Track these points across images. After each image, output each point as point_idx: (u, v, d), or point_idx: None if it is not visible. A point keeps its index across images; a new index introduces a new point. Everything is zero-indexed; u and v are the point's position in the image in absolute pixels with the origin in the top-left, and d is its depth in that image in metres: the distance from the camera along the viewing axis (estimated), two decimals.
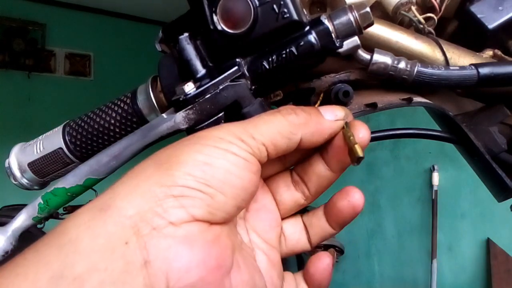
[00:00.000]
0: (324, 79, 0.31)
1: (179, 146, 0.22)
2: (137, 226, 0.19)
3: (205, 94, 0.26)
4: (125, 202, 0.20)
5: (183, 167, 0.21)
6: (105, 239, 0.19)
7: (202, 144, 0.22)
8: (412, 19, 0.34)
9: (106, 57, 2.94)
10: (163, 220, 0.19)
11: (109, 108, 0.32)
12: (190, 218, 0.20)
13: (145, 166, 0.22)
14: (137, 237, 0.19)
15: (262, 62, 0.27)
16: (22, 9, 2.63)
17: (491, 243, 1.92)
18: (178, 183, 0.20)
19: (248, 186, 0.22)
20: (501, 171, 0.32)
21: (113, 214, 0.19)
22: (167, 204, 0.20)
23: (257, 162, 0.23)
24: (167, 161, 0.21)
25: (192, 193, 0.20)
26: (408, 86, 0.31)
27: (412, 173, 2.25)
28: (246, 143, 0.22)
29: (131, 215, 0.19)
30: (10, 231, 0.30)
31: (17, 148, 0.34)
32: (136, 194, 0.20)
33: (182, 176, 0.21)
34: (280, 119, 0.24)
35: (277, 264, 0.26)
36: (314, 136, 0.25)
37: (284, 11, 0.26)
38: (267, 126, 0.23)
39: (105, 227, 0.19)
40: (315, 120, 0.25)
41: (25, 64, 2.63)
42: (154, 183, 0.20)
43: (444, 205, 2.09)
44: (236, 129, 0.23)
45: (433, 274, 2.03)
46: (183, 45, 0.28)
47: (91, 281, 0.18)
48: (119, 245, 0.19)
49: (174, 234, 0.19)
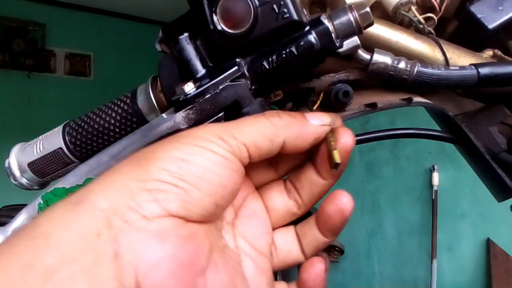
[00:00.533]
0: (324, 79, 0.31)
1: (158, 144, 0.23)
2: (109, 219, 0.19)
3: (205, 94, 0.26)
4: (99, 196, 0.20)
5: (159, 162, 0.21)
6: (77, 232, 0.18)
7: (181, 142, 0.22)
8: (412, 19, 0.34)
9: (106, 57, 2.94)
10: (136, 214, 0.19)
11: (109, 108, 0.32)
12: (165, 212, 0.20)
13: (123, 164, 0.22)
14: (109, 230, 0.19)
15: (262, 62, 0.27)
16: (22, 9, 2.63)
17: (491, 243, 1.92)
18: (153, 177, 0.20)
19: (227, 184, 0.22)
20: (501, 171, 0.32)
21: (86, 208, 0.19)
22: (140, 198, 0.20)
23: (238, 161, 0.23)
24: (144, 158, 0.22)
25: (166, 187, 0.20)
26: (408, 86, 0.31)
27: (412, 173, 2.25)
28: (227, 142, 0.22)
29: (104, 208, 0.19)
30: (10, 231, 0.30)
31: (17, 148, 0.34)
32: (111, 189, 0.20)
33: (157, 171, 0.21)
34: (263, 121, 0.24)
35: (266, 272, 0.26)
36: (298, 140, 0.25)
37: (284, 11, 0.26)
38: (249, 127, 0.23)
39: (78, 220, 0.19)
40: (299, 124, 0.25)
41: (25, 64, 2.64)
42: (130, 179, 0.20)
43: (444, 205, 2.09)
44: (217, 128, 0.23)
45: (433, 274, 2.03)
46: (183, 45, 0.28)
47: (61, 272, 0.17)
48: (91, 238, 0.18)
49: (146, 228, 0.19)
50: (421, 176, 2.20)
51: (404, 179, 2.29)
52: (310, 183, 0.27)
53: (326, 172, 0.26)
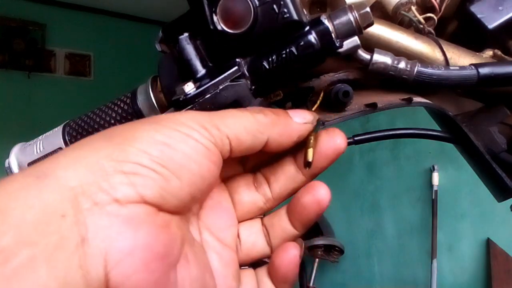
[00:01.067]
0: (323, 79, 0.31)
1: (135, 124, 0.21)
2: (77, 199, 0.17)
3: (205, 94, 0.26)
4: (67, 172, 0.18)
5: (138, 143, 0.19)
6: (38, 210, 0.16)
7: (162, 125, 0.21)
8: (412, 19, 0.34)
9: (106, 57, 2.94)
10: (107, 196, 0.18)
11: (109, 108, 0.32)
12: (139, 198, 0.18)
13: (93, 138, 0.20)
14: (75, 211, 0.17)
15: (262, 62, 0.27)
16: (22, 9, 2.63)
17: (491, 243, 1.92)
18: (131, 159, 0.19)
19: (206, 176, 0.21)
20: (501, 171, 0.32)
21: (50, 183, 0.17)
22: (114, 180, 0.18)
23: (219, 153, 0.22)
24: (121, 135, 0.20)
25: (145, 172, 0.19)
26: (408, 86, 0.31)
27: (412, 173, 2.25)
28: (210, 132, 0.21)
29: (72, 186, 0.17)
30: None
31: (17, 148, 0.34)
32: (80, 164, 0.18)
33: (136, 152, 0.19)
34: (248, 115, 0.23)
35: (231, 264, 0.25)
36: (281, 137, 0.24)
37: (284, 11, 0.26)
38: (234, 120, 0.23)
39: (40, 197, 0.17)
40: (283, 121, 0.24)
41: (25, 64, 2.64)
42: (103, 156, 0.18)
43: (444, 205, 2.09)
44: (201, 117, 0.22)
45: (433, 274, 2.03)
46: (183, 45, 0.28)
47: (20, 255, 0.15)
48: (55, 218, 0.16)
49: (117, 213, 0.18)
50: (421, 176, 2.20)
51: (404, 179, 2.29)
52: (288, 177, 0.26)
53: (308, 170, 0.26)
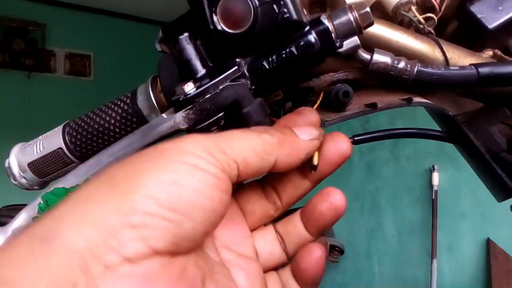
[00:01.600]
0: (323, 78, 0.31)
1: (138, 162, 0.19)
2: (86, 263, 0.16)
3: (205, 94, 0.26)
4: (73, 233, 0.17)
5: (144, 188, 0.18)
6: (49, 280, 0.15)
7: (166, 159, 0.19)
8: (412, 19, 0.34)
9: (106, 57, 2.94)
10: (118, 256, 0.16)
11: (109, 108, 0.32)
12: (151, 251, 0.17)
13: (97, 186, 0.19)
14: (86, 278, 0.16)
15: (262, 62, 0.27)
16: (22, 9, 2.63)
17: (491, 243, 1.92)
18: (138, 209, 0.17)
19: (218, 208, 0.20)
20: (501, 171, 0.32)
21: (57, 249, 0.16)
22: (123, 236, 0.17)
23: (228, 180, 0.20)
24: (124, 180, 0.18)
25: (154, 222, 0.17)
26: (408, 86, 0.31)
27: (412, 173, 2.25)
28: (216, 158, 0.20)
29: (79, 249, 0.16)
30: (10, 231, 0.30)
31: (17, 148, 0.34)
32: (85, 223, 0.17)
33: (143, 200, 0.17)
34: (254, 136, 0.22)
35: (257, 276, 0.24)
36: (290, 157, 0.23)
37: (284, 11, 0.26)
38: (240, 142, 0.21)
39: (48, 265, 0.16)
40: (290, 140, 0.23)
41: (25, 64, 2.64)
42: (109, 209, 0.17)
43: (444, 205, 2.09)
44: (205, 142, 0.20)
45: (433, 274, 2.03)
46: (183, 45, 0.28)
47: None
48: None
49: (132, 273, 0.16)
50: (421, 176, 2.20)
51: (404, 179, 2.29)
52: (294, 186, 0.26)
53: (314, 176, 0.26)
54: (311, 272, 0.24)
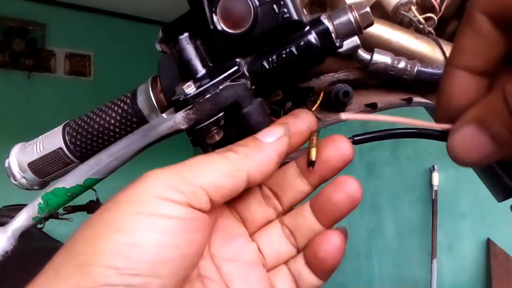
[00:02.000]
0: (323, 78, 0.31)
1: (96, 223, 0.19)
2: None
3: (205, 94, 0.26)
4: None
5: (102, 257, 0.17)
6: None
7: (123, 212, 0.18)
8: (412, 19, 0.34)
9: (106, 57, 2.94)
10: None
11: (109, 108, 0.32)
12: None
13: (60, 260, 0.18)
14: None
15: (262, 62, 0.27)
16: (22, 9, 2.63)
17: (491, 243, 1.92)
18: (100, 283, 0.17)
19: (189, 252, 0.19)
20: (501, 171, 0.32)
21: None
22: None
23: (197, 214, 0.19)
24: (83, 251, 0.18)
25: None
26: (408, 86, 0.31)
27: (412, 173, 2.25)
28: (180, 190, 0.19)
29: None
30: (10, 231, 0.30)
31: (17, 148, 0.34)
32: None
33: (103, 272, 0.17)
34: (218, 157, 0.21)
35: (260, 284, 0.23)
36: (262, 165, 0.22)
37: (284, 11, 0.26)
38: (204, 167, 0.20)
39: None
40: (255, 148, 0.22)
41: (25, 64, 2.64)
42: (72, 287, 0.17)
43: (444, 205, 2.09)
44: (167, 176, 0.20)
45: (433, 274, 2.03)
46: (183, 45, 0.28)
47: None
48: None
49: None
50: (421, 176, 2.20)
51: (404, 179, 2.29)
52: (295, 190, 0.25)
53: (316, 180, 0.25)
54: (330, 261, 0.23)
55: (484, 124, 0.18)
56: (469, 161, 0.19)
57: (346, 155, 0.25)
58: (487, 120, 0.17)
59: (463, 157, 0.19)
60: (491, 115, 0.17)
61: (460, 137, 0.18)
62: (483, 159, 0.18)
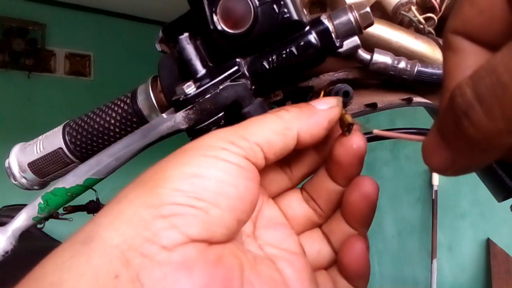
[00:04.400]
0: (323, 78, 0.31)
1: (164, 161, 0.20)
2: (125, 256, 0.17)
3: (205, 94, 0.26)
4: (110, 231, 0.18)
5: (170, 182, 0.19)
6: (91, 276, 0.16)
7: (189, 154, 0.20)
8: (412, 19, 0.34)
9: (106, 57, 2.94)
10: (154, 245, 0.17)
11: (109, 108, 0.32)
12: (186, 239, 0.18)
13: (129, 189, 0.20)
14: (127, 268, 0.16)
15: (262, 62, 0.27)
16: (22, 9, 2.63)
17: (491, 243, 1.92)
18: (166, 201, 0.18)
19: (246, 195, 0.20)
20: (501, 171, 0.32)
21: (97, 246, 0.17)
22: (156, 227, 0.17)
23: (253, 167, 0.21)
24: (152, 179, 0.19)
25: (183, 210, 0.18)
26: (408, 86, 0.31)
27: (412, 173, 2.25)
28: (238, 145, 0.20)
29: (117, 244, 0.17)
30: (10, 231, 0.30)
31: (17, 148, 0.34)
32: (120, 220, 0.18)
33: (169, 192, 0.18)
34: (271, 116, 0.23)
35: (304, 269, 0.24)
36: (311, 127, 0.23)
37: (284, 11, 0.26)
38: (258, 125, 0.22)
39: (90, 262, 0.17)
40: (308, 110, 0.23)
41: (25, 64, 2.64)
42: (140, 205, 0.18)
43: (444, 205, 2.09)
44: (225, 133, 0.21)
45: (433, 274, 2.03)
46: (183, 45, 0.28)
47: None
48: (109, 280, 0.16)
49: (168, 260, 0.17)
50: (421, 176, 2.20)
51: (404, 179, 2.29)
52: (327, 191, 0.26)
53: (342, 177, 0.25)
54: (354, 267, 0.24)
55: (438, 127, 0.17)
56: (433, 167, 0.18)
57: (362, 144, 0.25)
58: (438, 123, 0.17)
59: (426, 161, 0.18)
60: (441, 116, 0.16)
61: (426, 141, 0.18)
62: (443, 167, 0.17)
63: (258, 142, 0.21)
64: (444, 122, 0.16)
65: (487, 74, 0.13)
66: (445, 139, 0.16)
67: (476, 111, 0.14)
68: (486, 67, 0.13)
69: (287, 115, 0.23)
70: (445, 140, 0.16)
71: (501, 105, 0.13)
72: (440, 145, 0.17)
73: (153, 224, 0.18)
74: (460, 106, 0.14)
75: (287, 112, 0.23)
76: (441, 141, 0.17)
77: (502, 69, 0.13)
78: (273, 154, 0.22)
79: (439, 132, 0.17)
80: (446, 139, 0.16)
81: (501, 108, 0.13)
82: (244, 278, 0.19)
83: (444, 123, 0.16)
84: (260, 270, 0.21)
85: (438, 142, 0.17)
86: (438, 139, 0.17)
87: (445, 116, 0.15)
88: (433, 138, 0.17)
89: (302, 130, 0.23)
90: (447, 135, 0.16)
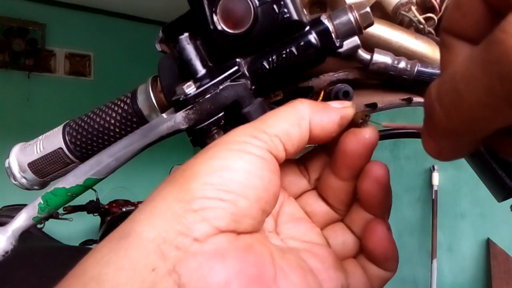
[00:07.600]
0: (323, 78, 0.31)
1: (192, 159, 0.21)
2: (161, 249, 0.18)
3: (205, 94, 0.26)
4: (145, 226, 0.18)
5: (198, 177, 0.20)
6: (130, 269, 0.17)
7: (215, 150, 0.21)
8: (412, 19, 0.34)
9: (106, 57, 2.94)
10: (187, 238, 0.18)
11: (109, 108, 0.32)
12: (215, 230, 0.19)
13: (161, 187, 0.21)
14: (163, 261, 0.17)
15: (262, 62, 0.27)
16: (22, 9, 2.64)
17: (491, 243, 1.92)
18: (196, 196, 0.19)
19: (270, 187, 0.21)
20: (501, 171, 0.32)
21: (134, 241, 0.18)
22: (188, 220, 0.18)
23: (274, 160, 0.22)
24: (182, 175, 0.20)
25: (212, 204, 0.19)
26: (408, 86, 0.31)
27: (412, 173, 2.25)
28: (259, 138, 0.21)
29: (152, 238, 0.18)
30: (10, 231, 0.30)
31: (17, 148, 0.34)
32: (155, 216, 0.19)
33: (199, 187, 0.19)
34: (285, 109, 0.23)
35: (329, 257, 0.24)
36: (324, 121, 0.24)
37: (284, 11, 0.26)
38: (275, 118, 0.23)
39: (128, 256, 0.17)
40: (321, 104, 0.24)
41: (25, 64, 2.64)
42: (172, 201, 0.19)
43: (444, 205, 2.09)
44: (247, 129, 0.22)
45: (433, 274, 2.03)
46: (183, 45, 0.28)
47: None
48: (147, 273, 0.17)
49: (202, 250, 0.18)
50: (421, 176, 2.21)
51: (404, 179, 2.29)
52: (332, 188, 0.26)
53: (345, 172, 0.25)
54: (380, 250, 0.24)
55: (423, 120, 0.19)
56: (428, 153, 0.20)
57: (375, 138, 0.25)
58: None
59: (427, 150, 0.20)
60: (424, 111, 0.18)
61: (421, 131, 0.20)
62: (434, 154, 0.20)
63: (277, 133, 0.22)
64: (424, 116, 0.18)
65: (447, 80, 0.15)
66: (426, 131, 0.18)
67: (437, 112, 0.16)
68: (449, 73, 0.15)
69: (300, 105, 0.24)
70: (427, 132, 0.18)
71: (457, 109, 0.14)
72: (425, 135, 0.19)
73: (185, 218, 0.18)
74: (426, 105, 0.16)
75: (300, 103, 0.24)
76: (425, 132, 0.19)
77: (459, 78, 0.14)
78: (291, 146, 0.23)
79: (423, 125, 0.19)
80: (426, 131, 0.18)
81: (457, 112, 0.15)
82: (275, 264, 0.20)
83: (424, 118, 0.18)
84: (289, 258, 0.22)
85: (424, 133, 0.19)
86: (424, 130, 0.19)
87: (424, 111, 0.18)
88: (423, 129, 0.19)
89: (314, 122, 0.23)
90: (427, 128, 0.18)
